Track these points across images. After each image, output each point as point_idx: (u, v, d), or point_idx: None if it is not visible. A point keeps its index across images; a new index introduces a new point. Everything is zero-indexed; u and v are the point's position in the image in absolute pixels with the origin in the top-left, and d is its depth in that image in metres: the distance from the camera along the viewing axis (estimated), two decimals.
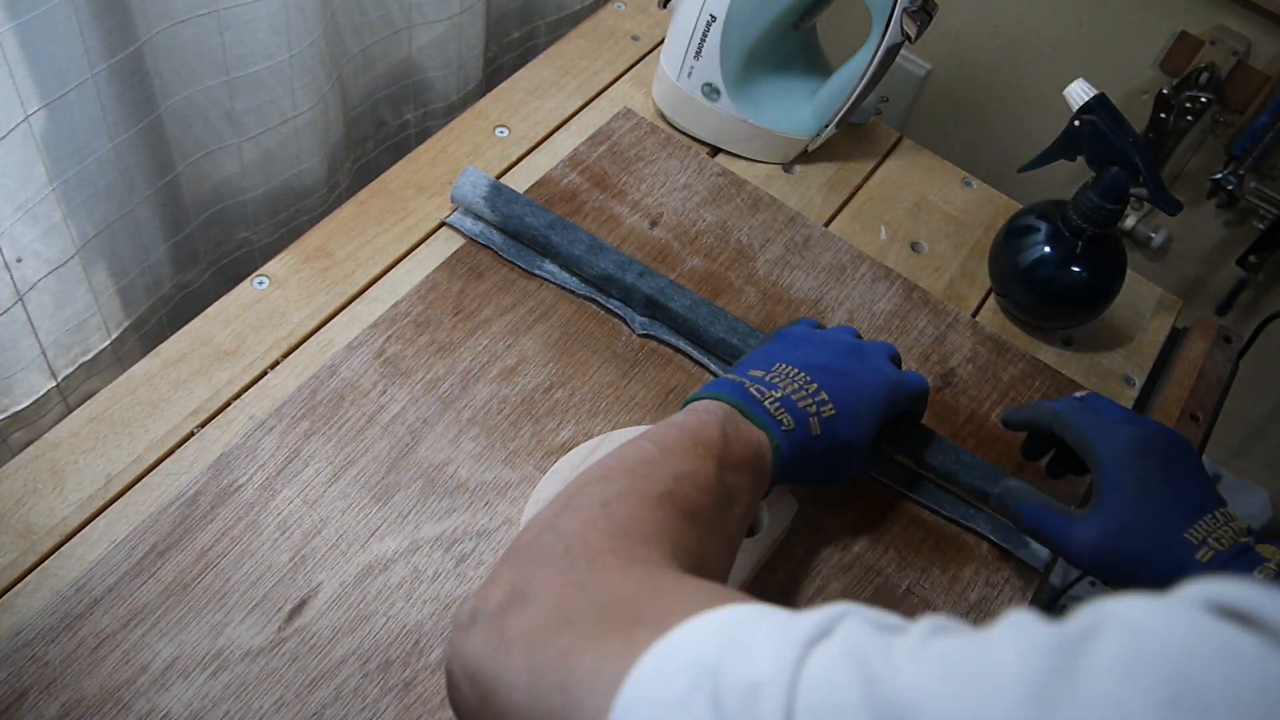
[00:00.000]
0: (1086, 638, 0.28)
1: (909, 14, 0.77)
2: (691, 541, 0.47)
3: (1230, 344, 0.86)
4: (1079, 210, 0.74)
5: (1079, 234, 0.75)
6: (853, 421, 0.58)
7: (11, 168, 0.62)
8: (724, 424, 0.53)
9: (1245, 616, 0.27)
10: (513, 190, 0.76)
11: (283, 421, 0.66)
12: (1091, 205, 0.73)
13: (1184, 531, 0.57)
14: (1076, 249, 0.75)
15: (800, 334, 0.64)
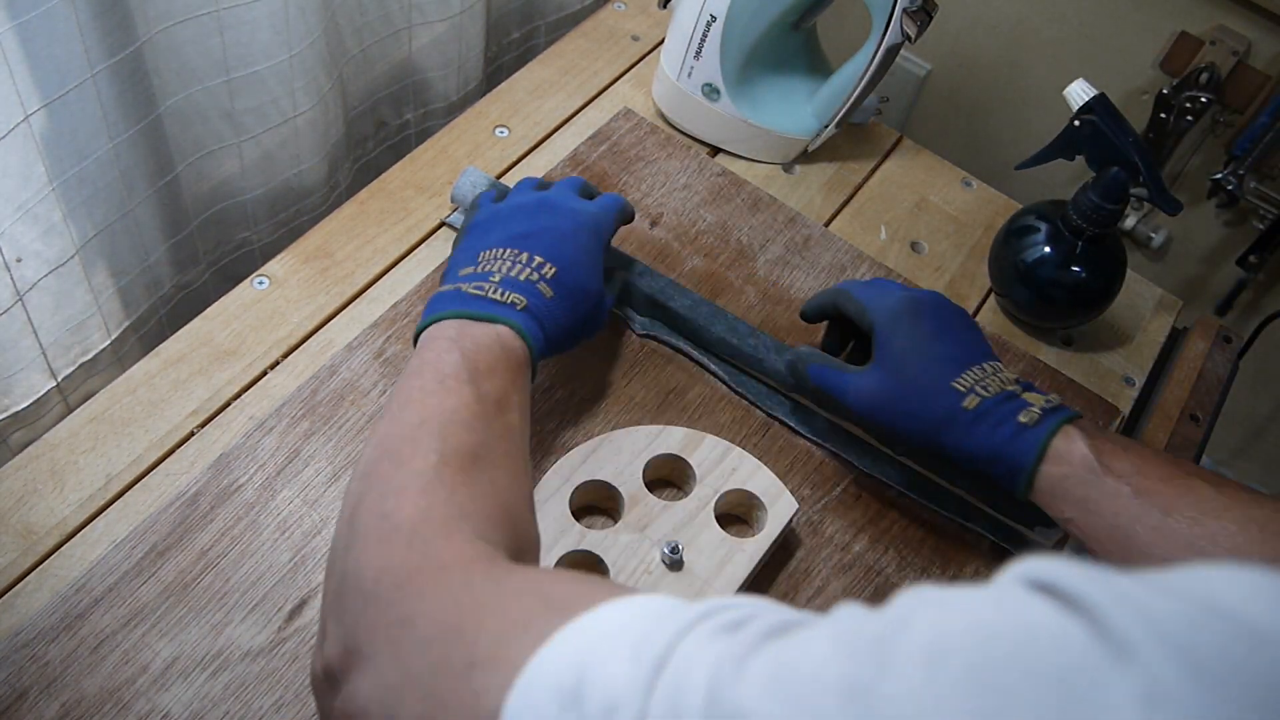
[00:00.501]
0: (899, 628, 0.27)
1: (909, 14, 0.77)
2: (488, 487, 0.46)
3: (1230, 344, 0.86)
4: (1079, 210, 0.74)
5: (1079, 234, 0.75)
6: (576, 268, 0.60)
7: (11, 168, 0.62)
8: (458, 342, 0.53)
9: (1053, 590, 0.26)
10: None
11: (283, 421, 0.66)
12: (1091, 205, 0.73)
13: (952, 380, 0.58)
14: (1077, 249, 0.75)
15: (488, 215, 0.64)
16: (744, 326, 0.72)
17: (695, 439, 0.65)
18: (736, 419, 0.71)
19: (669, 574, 0.60)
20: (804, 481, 0.69)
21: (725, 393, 0.72)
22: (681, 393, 0.71)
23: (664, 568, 0.60)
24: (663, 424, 0.68)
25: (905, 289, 0.65)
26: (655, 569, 0.60)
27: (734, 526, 0.66)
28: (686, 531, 0.62)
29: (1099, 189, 0.72)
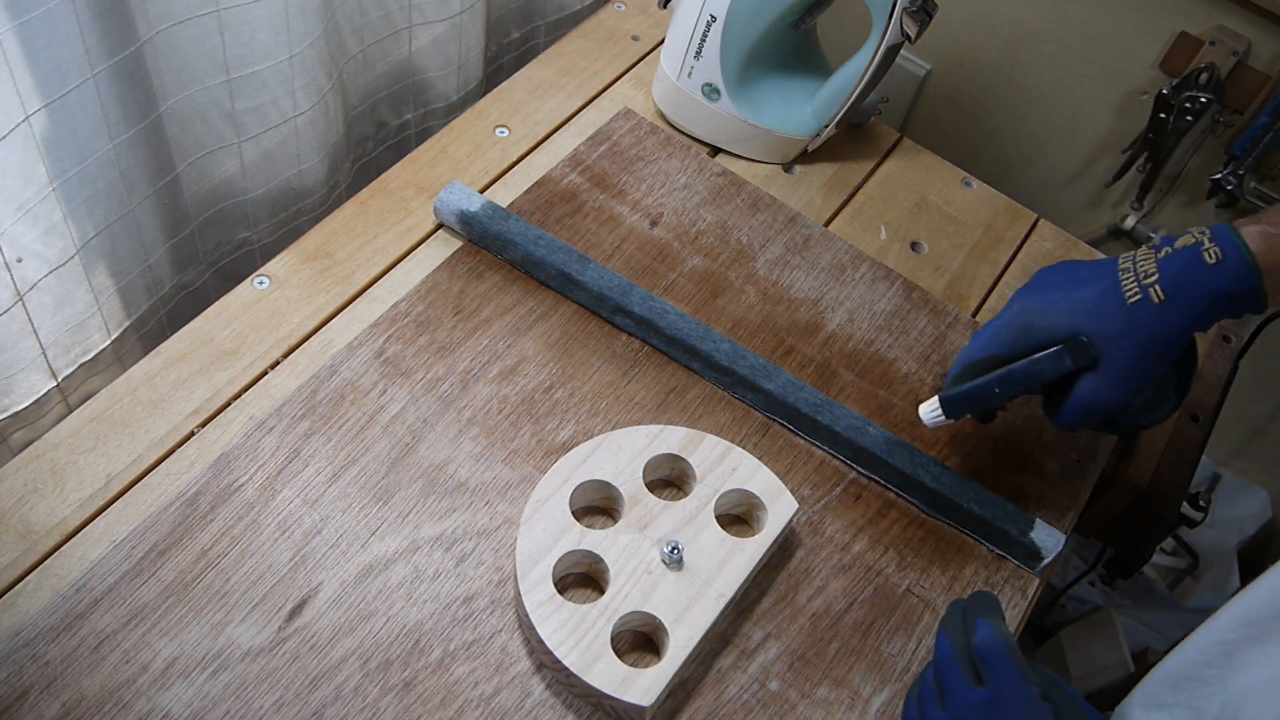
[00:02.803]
0: None
1: (909, 14, 0.77)
2: None
3: (1230, 344, 0.86)
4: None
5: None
6: None
7: (11, 168, 0.62)
8: None
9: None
10: (485, 218, 0.75)
11: (283, 421, 0.66)
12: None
13: (1126, 300, 0.59)
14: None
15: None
16: (728, 347, 0.72)
17: (695, 439, 0.65)
18: (736, 419, 0.71)
19: (669, 574, 0.60)
20: (804, 481, 0.69)
21: (725, 393, 0.72)
22: (681, 393, 0.72)
23: (664, 568, 0.60)
24: (663, 424, 0.68)
25: (1017, 323, 0.63)
26: (655, 569, 0.60)
27: (734, 526, 0.66)
28: (686, 531, 0.62)
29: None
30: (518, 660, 0.59)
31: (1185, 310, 0.58)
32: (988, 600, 0.55)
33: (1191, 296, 0.58)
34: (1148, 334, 0.59)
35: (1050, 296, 0.62)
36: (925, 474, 0.68)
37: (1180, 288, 0.58)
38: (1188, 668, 0.62)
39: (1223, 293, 0.58)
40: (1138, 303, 0.59)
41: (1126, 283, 0.60)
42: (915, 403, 0.74)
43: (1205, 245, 0.58)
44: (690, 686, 0.60)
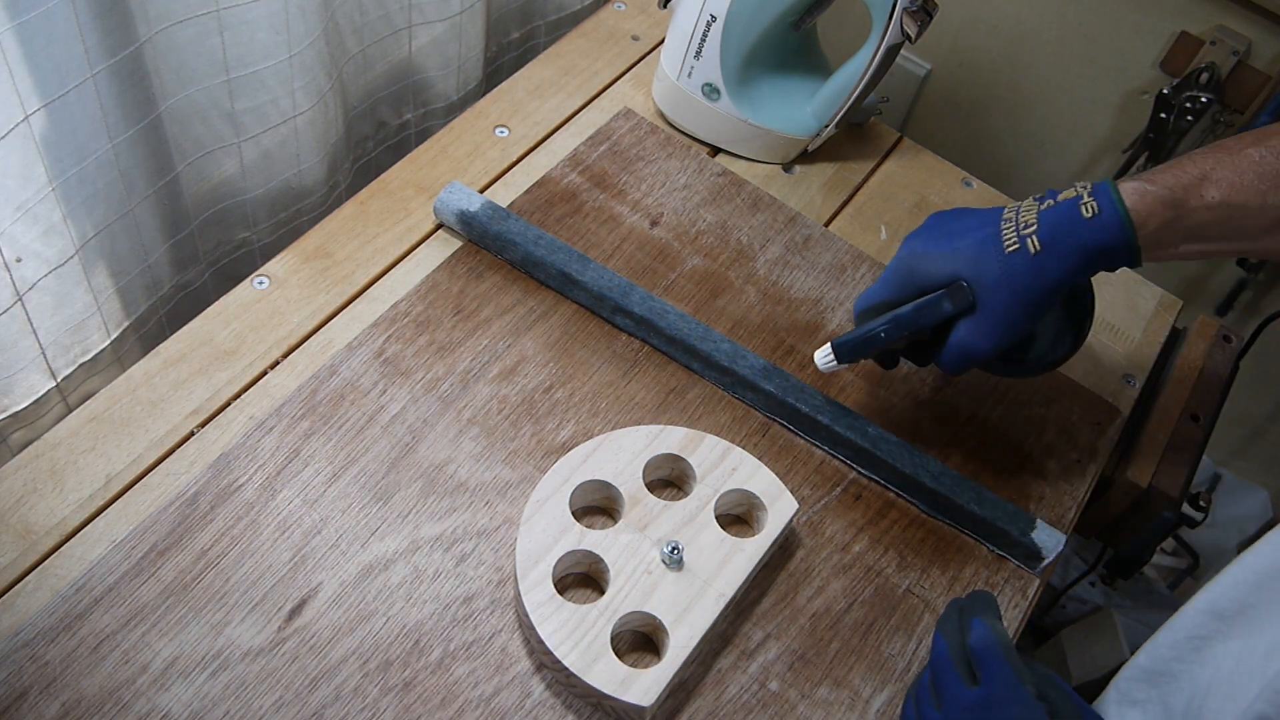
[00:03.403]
0: None
1: (909, 14, 0.77)
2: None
3: (1230, 344, 0.86)
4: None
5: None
6: None
7: (11, 168, 0.62)
8: None
9: None
10: (485, 218, 0.75)
11: (283, 421, 0.66)
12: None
13: (1003, 249, 0.61)
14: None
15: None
16: (729, 347, 0.72)
17: (695, 439, 0.65)
18: (736, 419, 0.71)
19: (669, 574, 0.60)
20: (804, 481, 0.69)
21: (725, 393, 0.72)
22: (681, 393, 0.71)
23: (664, 568, 0.60)
24: (663, 424, 0.68)
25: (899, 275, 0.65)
26: (655, 569, 0.60)
27: (734, 526, 0.66)
28: (686, 531, 0.62)
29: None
30: (518, 660, 0.59)
31: (1060, 261, 0.60)
32: (985, 599, 0.55)
33: (1066, 248, 0.59)
34: (1022, 283, 0.60)
35: (936, 242, 0.64)
36: (925, 474, 0.68)
37: (1056, 239, 0.60)
38: (1158, 663, 0.62)
39: (1096, 246, 0.59)
40: (1015, 252, 0.60)
41: (1007, 232, 0.61)
42: (915, 403, 0.74)
43: (1084, 200, 0.60)
44: (690, 687, 0.60)
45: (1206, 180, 0.59)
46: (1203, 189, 0.59)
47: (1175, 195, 0.59)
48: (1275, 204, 0.58)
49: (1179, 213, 0.59)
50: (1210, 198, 0.59)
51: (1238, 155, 0.59)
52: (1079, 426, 0.76)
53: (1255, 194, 0.58)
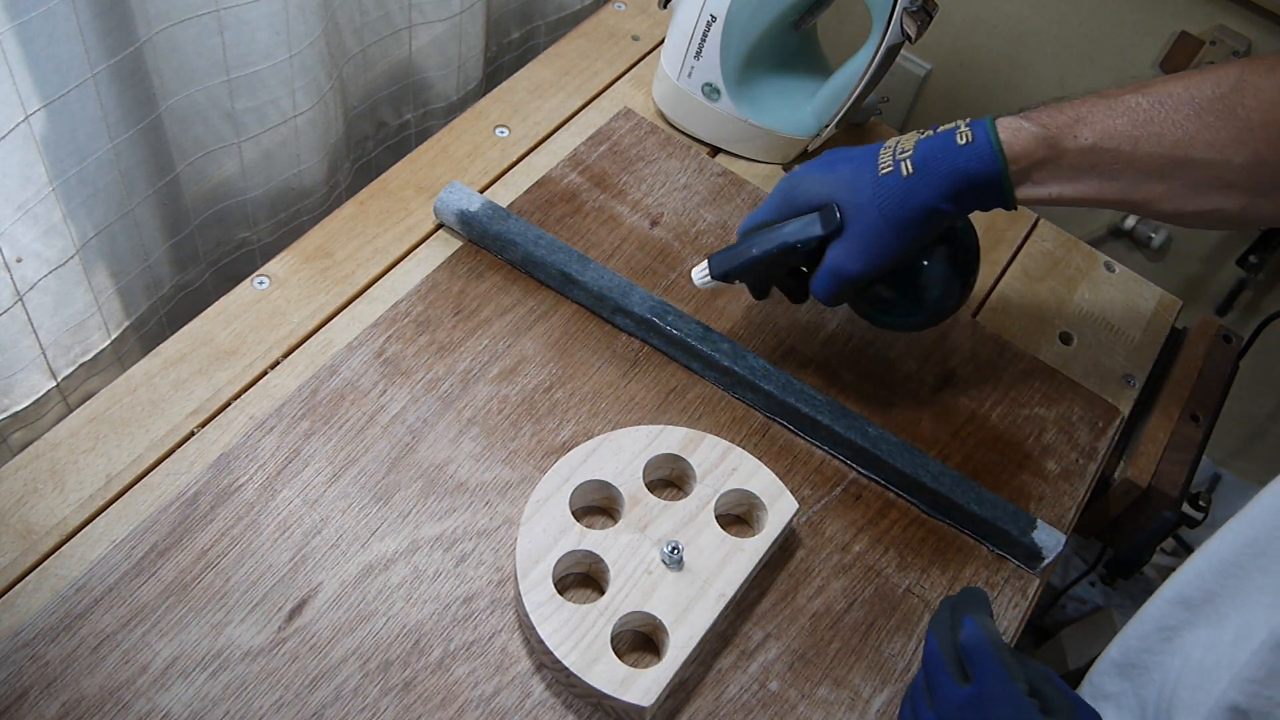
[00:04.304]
0: None
1: (909, 14, 0.77)
2: None
3: (1230, 344, 0.86)
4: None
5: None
6: None
7: (11, 168, 0.62)
8: None
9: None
10: (485, 218, 0.75)
11: (283, 421, 0.66)
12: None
13: (878, 171, 0.61)
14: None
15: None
16: (729, 346, 0.72)
17: (695, 439, 0.65)
18: (736, 419, 0.71)
19: (669, 574, 0.60)
20: (804, 481, 0.69)
21: (725, 393, 0.72)
22: (681, 393, 0.72)
23: (664, 568, 0.60)
24: (663, 424, 0.68)
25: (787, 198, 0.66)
26: (655, 569, 0.60)
27: (734, 526, 0.66)
28: (686, 531, 0.62)
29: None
30: (518, 660, 0.59)
31: (929, 185, 0.60)
32: (976, 597, 0.55)
33: (937, 173, 0.60)
34: (890, 204, 0.61)
35: (818, 167, 0.65)
36: (925, 474, 0.68)
37: (928, 163, 0.60)
38: (1129, 655, 0.62)
39: (965, 172, 0.60)
40: (888, 174, 0.61)
41: (884, 157, 0.62)
42: (915, 403, 0.74)
43: (961, 129, 0.60)
44: (690, 686, 0.60)
45: (1081, 122, 0.59)
46: (1076, 130, 0.59)
47: (1049, 134, 0.59)
48: (1147, 151, 0.58)
49: (1051, 152, 0.59)
50: (1083, 139, 0.59)
51: (1116, 101, 0.59)
52: (1079, 426, 0.76)
53: (1127, 139, 0.58)
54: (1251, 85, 0.58)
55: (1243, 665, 0.53)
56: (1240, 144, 0.58)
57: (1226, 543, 0.58)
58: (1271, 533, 0.55)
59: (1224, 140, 0.58)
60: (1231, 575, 0.57)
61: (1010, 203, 0.61)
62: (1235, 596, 0.56)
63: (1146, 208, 0.61)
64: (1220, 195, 0.59)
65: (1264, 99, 0.57)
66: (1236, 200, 0.59)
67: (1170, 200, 0.60)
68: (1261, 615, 0.54)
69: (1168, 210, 0.60)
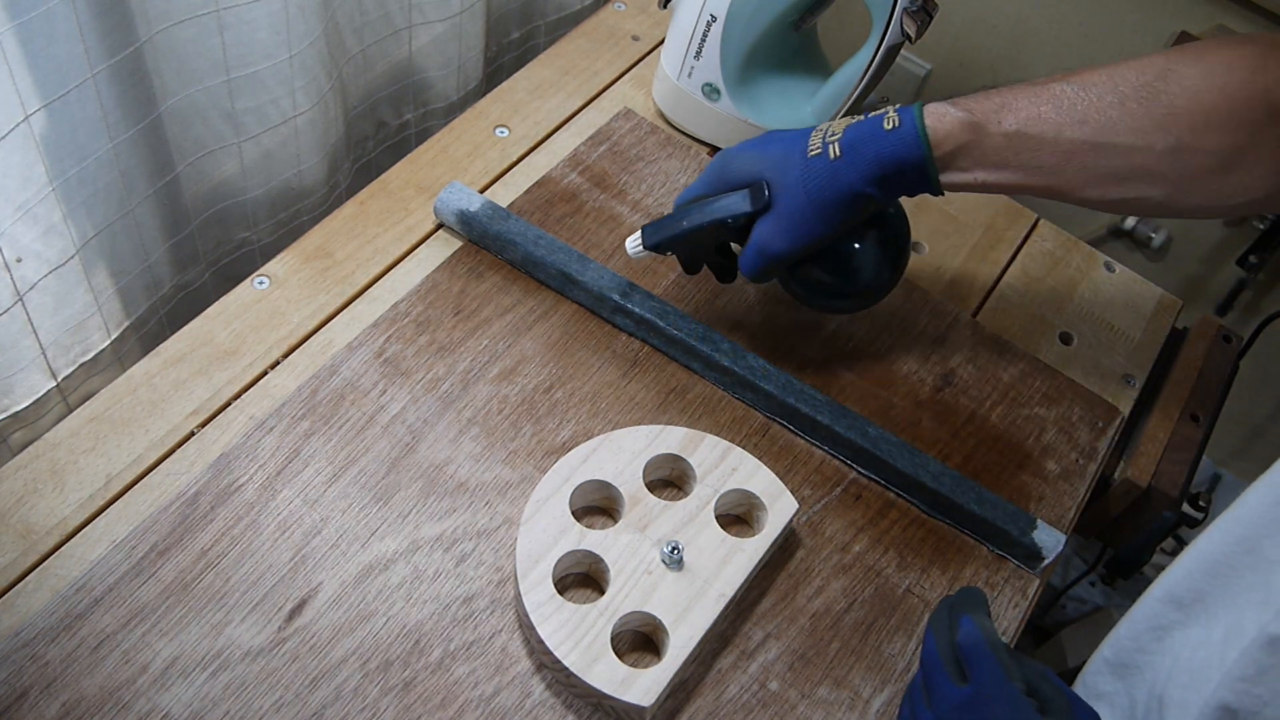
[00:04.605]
0: None
1: (909, 14, 0.77)
2: None
3: (1230, 344, 0.86)
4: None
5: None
6: None
7: (11, 168, 0.62)
8: None
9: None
10: (485, 218, 0.75)
11: (283, 421, 0.66)
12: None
13: (807, 152, 0.62)
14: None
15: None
16: (728, 345, 0.72)
17: (695, 439, 0.65)
18: (736, 419, 0.71)
19: (669, 574, 0.60)
20: (804, 481, 0.69)
21: (725, 393, 0.72)
22: (681, 393, 0.72)
23: (664, 568, 0.60)
24: (663, 424, 0.68)
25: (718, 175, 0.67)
26: (655, 569, 0.60)
27: (734, 526, 0.66)
28: (686, 531, 0.62)
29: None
30: (518, 660, 0.59)
31: (855, 168, 0.61)
32: (974, 596, 0.55)
33: (863, 157, 0.61)
34: (816, 185, 0.62)
35: (751, 146, 0.66)
36: (925, 474, 0.68)
37: (855, 147, 0.61)
38: (1122, 654, 0.62)
39: (891, 157, 0.60)
40: (816, 156, 0.62)
41: (814, 139, 0.63)
42: (915, 403, 0.74)
43: (889, 114, 0.61)
44: (690, 687, 0.60)
45: (1006, 108, 0.60)
46: (1001, 116, 0.60)
47: (974, 119, 0.60)
48: (1070, 137, 0.59)
49: (975, 137, 0.60)
50: (1007, 125, 0.60)
51: (1041, 88, 0.60)
52: (1079, 426, 0.76)
53: (1051, 126, 0.59)
54: (1176, 74, 0.58)
55: (1233, 664, 0.53)
56: (1163, 131, 0.58)
57: (1215, 541, 0.58)
58: (1259, 530, 0.55)
59: (1147, 127, 0.58)
60: (1220, 574, 0.57)
61: (936, 188, 0.62)
62: (1224, 595, 0.56)
63: (1071, 194, 0.61)
64: (1144, 184, 0.60)
65: (1187, 86, 0.58)
66: (1160, 189, 0.60)
67: (1094, 187, 0.60)
68: (1251, 613, 0.54)
69: (1092, 198, 0.61)
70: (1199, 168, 0.59)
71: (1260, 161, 0.58)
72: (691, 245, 0.68)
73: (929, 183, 0.61)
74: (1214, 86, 0.58)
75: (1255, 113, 0.57)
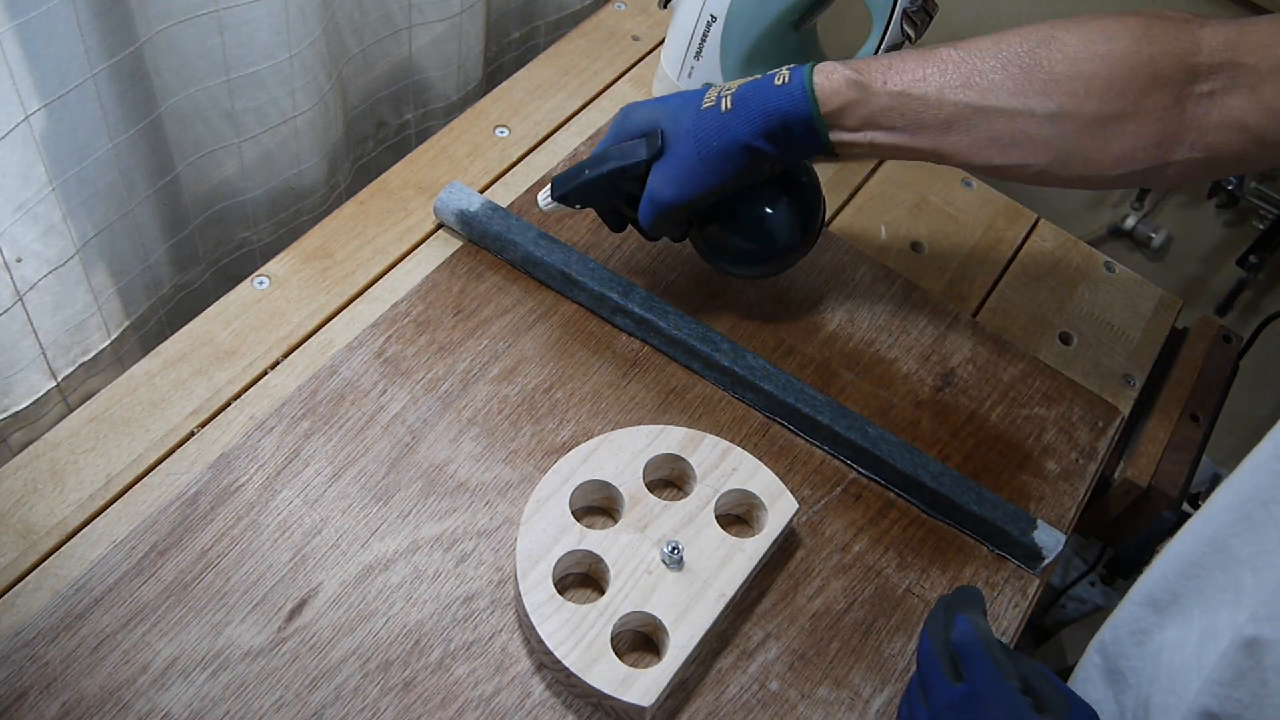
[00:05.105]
0: None
1: (909, 14, 0.77)
2: None
3: (1230, 344, 0.86)
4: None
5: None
6: None
7: (11, 168, 0.62)
8: None
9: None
10: (485, 218, 0.75)
11: (283, 421, 0.66)
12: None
13: (700, 105, 0.64)
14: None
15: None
16: (728, 345, 0.72)
17: (695, 439, 0.65)
18: (736, 419, 0.71)
19: (669, 574, 0.60)
20: (804, 481, 0.69)
21: (725, 393, 0.72)
22: (681, 393, 0.72)
23: (664, 568, 0.60)
24: (663, 424, 0.68)
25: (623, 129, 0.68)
26: (655, 569, 0.60)
27: (734, 526, 0.66)
28: (686, 531, 0.62)
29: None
30: (518, 660, 0.59)
31: (744, 120, 0.62)
32: (970, 595, 0.55)
33: (752, 110, 0.62)
34: (706, 135, 0.63)
35: (653, 99, 0.68)
36: (925, 474, 0.68)
37: (745, 100, 0.62)
38: (1108, 659, 0.62)
39: (777, 110, 0.61)
40: (709, 108, 0.63)
41: (710, 94, 0.64)
42: (915, 403, 0.74)
43: (781, 72, 0.62)
44: (690, 687, 0.60)
45: (892, 69, 0.61)
46: (887, 76, 0.61)
47: (861, 78, 0.61)
48: (952, 100, 0.60)
49: (861, 95, 0.61)
50: (892, 85, 0.61)
51: (929, 52, 0.61)
52: (1079, 426, 0.76)
53: (934, 87, 0.60)
54: (1058, 40, 0.59)
55: (1211, 668, 0.53)
56: (1044, 95, 0.59)
57: (1187, 542, 0.58)
58: (1228, 529, 0.55)
59: (1028, 91, 0.59)
60: (1193, 575, 0.57)
61: (826, 145, 0.63)
62: (1198, 596, 0.56)
63: (957, 159, 0.62)
64: (1026, 150, 0.61)
65: (1069, 53, 0.59)
66: (1041, 156, 0.61)
67: (978, 152, 0.61)
68: (1225, 614, 0.53)
69: (977, 163, 0.62)
70: (1078, 134, 0.59)
71: (1141, 131, 0.59)
72: (596, 196, 0.70)
73: (818, 139, 0.62)
74: (1094, 54, 0.58)
75: (1136, 81, 0.58)
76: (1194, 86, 0.58)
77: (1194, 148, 0.59)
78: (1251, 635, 0.51)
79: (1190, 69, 0.58)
